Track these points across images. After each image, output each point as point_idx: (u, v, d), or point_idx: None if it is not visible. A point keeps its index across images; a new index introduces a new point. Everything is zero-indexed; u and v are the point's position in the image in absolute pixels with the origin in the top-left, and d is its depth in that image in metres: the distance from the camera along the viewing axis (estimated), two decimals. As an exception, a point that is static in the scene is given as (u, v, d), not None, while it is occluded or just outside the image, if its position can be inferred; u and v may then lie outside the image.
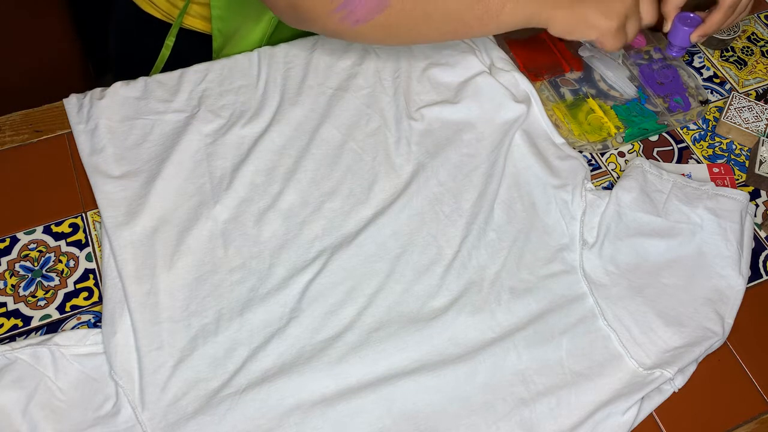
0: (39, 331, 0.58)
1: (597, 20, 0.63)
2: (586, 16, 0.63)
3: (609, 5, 0.63)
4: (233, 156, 0.67)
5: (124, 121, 0.68)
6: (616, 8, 0.63)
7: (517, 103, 0.71)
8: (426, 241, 0.63)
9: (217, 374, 0.56)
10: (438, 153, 0.69)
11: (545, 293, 0.62)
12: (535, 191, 0.67)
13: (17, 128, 0.69)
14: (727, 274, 0.63)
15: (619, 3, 0.63)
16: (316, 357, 0.57)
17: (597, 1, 0.63)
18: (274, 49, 0.75)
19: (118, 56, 0.93)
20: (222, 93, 0.71)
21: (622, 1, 0.64)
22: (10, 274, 0.61)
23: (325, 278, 0.61)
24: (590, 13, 0.63)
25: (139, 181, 0.65)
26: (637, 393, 0.57)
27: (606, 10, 0.63)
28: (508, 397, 0.57)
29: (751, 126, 0.74)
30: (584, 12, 0.63)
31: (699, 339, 0.59)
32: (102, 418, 0.54)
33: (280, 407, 0.55)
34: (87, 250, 0.63)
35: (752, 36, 0.83)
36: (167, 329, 0.57)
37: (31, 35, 1.06)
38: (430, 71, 0.74)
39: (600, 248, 0.64)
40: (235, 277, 0.60)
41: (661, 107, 0.74)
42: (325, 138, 0.69)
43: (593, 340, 0.60)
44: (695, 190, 0.67)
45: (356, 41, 0.66)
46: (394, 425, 0.55)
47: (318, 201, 0.65)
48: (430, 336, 0.59)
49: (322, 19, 0.62)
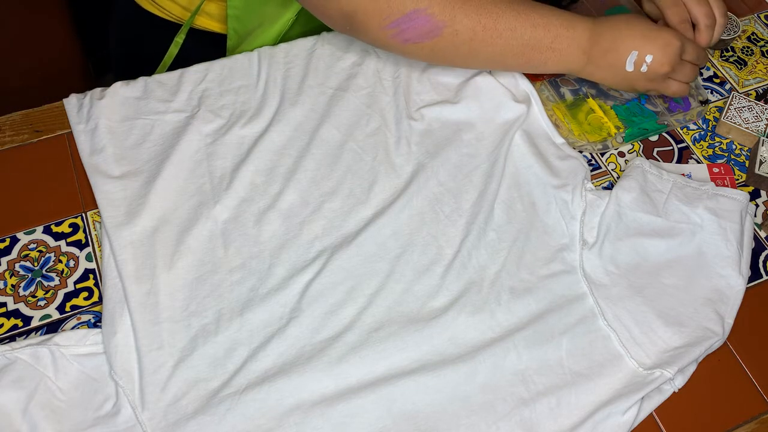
0: (39, 331, 0.58)
1: (638, 84, 0.68)
2: (615, 84, 0.69)
3: (638, 84, 0.68)
4: (233, 156, 0.67)
5: (124, 121, 0.68)
6: (647, 86, 0.68)
7: (517, 103, 0.71)
8: (426, 241, 0.63)
9: (217, 374, 0.56)
10: (438, 153, 0.69)
11: (545, 293, 0.62)
12: (535, 191, 0.67)
13: (17, 128, 0.69)
14: (727, 274, 0.63)
15: (650, 82, 0.68)
16: (316, 357, 0.57)
17: (626, 79, 0.68)
18: (274, 49, 0.75)
19: (119, 56, 0.93)
20: (222, 93, 0.71)
21: (651, 81, 0.68)
22: (10, 274, 0.61)
23: (325, 278, 0.61)
24: (620, 85, 0.69)
25: (139, 181, 0.65)
26: (637, 393, 0.57)
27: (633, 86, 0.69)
28: (508, 397, 0.57)
29: (751, 126, 0.74)
30: (615, 82, 0.69)
31: (699, 339, 0.59)
32: (102, 418, 0.54)
33: (280, 407, 0.55)
34: (87, 250, 0.63)
35: (752, 36, 0.83)
36: (167, 329, 0.57)
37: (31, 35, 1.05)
38: (430, 71, 0.74)
39: (600, 248, 0.64)
40: (235, 277, 0.60)
41: (661, 107, 0.74)
42: (325, 138, 0.69)
43: (593, 340, 0.60)
44: (695, 190, 0.67)
45: (403, 56, 0.69)
46: (394, 425, 0.55)
47: (318, 201, 0.65)
48: (430, 336, 0.59)
49: (374, 32, 0.64)
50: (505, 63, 0.67)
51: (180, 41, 0.80)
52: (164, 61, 0.81)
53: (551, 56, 0.66)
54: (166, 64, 0.81)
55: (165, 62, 0.81)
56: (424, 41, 0.64)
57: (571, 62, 0.67)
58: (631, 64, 0.66)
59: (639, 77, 0.67)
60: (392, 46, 0.66)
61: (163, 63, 0.81)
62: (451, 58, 0.67)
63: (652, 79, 0.67)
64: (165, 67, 0.81)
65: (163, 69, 0.81)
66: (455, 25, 0.63)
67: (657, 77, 0.67)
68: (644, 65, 0.66)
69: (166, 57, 0.81)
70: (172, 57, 0.81)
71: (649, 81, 0.68)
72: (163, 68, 0.81)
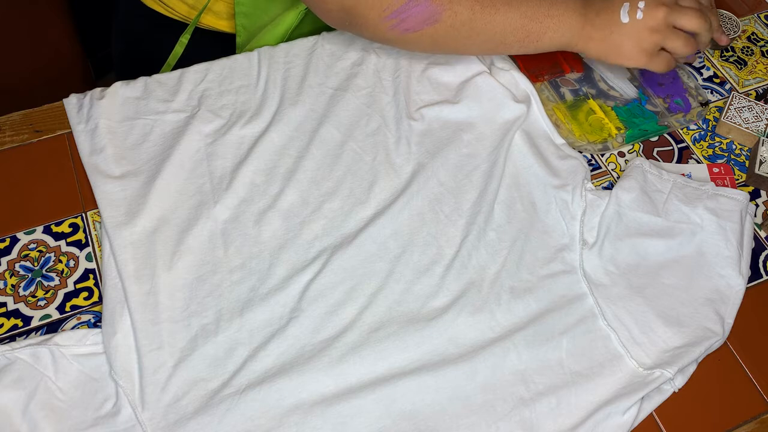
0: (39, 331, 0.58)
1: (642, 38, 0.66)
2: (620, 48, 0.67)
3: (642, 37, 0.66)
4: (233, 156, 0.67)
5: (124, 121, 0.68)
6: (653, 39, 0.66)
7: (517, 103, 0.71)
8: (426, 241, 0.63)
9: (217, 374, 0.56)
10: (438, 153, 0.69)
11: (545, 293, 0.62)
12: (535, 191, 0.67)
13: (17, 128, 0.69)
14: (727, 274, 0.63)
15: (653, 34, 0.65)
16: (316, 357, 0.57)
17: (628, 35, 0.66)
18: (274, 49, 0.75)
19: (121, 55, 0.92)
20: (222, 93, 0.71)
21: (655, 32, 0.65)
22: (10, 274, 0.61)
23: (325, 278, 0.61)
24: (624, 45, 0.66)
25: (139, 181, 0.65)
26: (637, 393, 0.57)
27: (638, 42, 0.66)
28: (508, 397, 0.57)
29: (751, 126, 0.74)
30: (618, 43, 0.66)
31: (699, 339, 0.59)
32: (102, 418, 0.54)
33: (280, 407, 0.55)
34: (87, 250, 0.63)
35: (752, 36, 0.83)
36: (167, 329, 0.57)
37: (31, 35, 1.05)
38: (429, 71, 0.74)
39: (600, 248, 0.64)
40: (235, 277, 0.60)
41: (661, 108, 0.74)
42: (325, 138, 0.69)
43: (593, 340, 0.60)
44: (695, 190, 0.67)
45: (403, 48, 0.69)
46: (394, 425, 0.55)
47: (318, 201, 0.65)
48: (430, 336, 0.59)
49: (373, 25, 0.65)
50: (506, 41, 0.67)
51: (185, 41, 0.80)
52: (168, 61, 0.81)
53: (550, 24, 0.65)
54: (170, 65, 0.81)
55: (169, 62, 0.81)
56: (424, 28, 0.64)
57: (570, 27, 0.66)
58: (626, 14, 0.65)
59: (641, 28, 0.65)
60: (392, 38, 0.66)
61: (167, 63, 0.81)
62: (452, 43, 0.67)
63: (655, 28, 0.65)
64: (169, 67, 0.81)
65: (167, 69, 0.81)
66: (453, 7, 0.63)
67: (659, 23, 0.65)
68: (639, 11, 0.64)
69: (170, 57, 0.80)
70: (176, 57, 0.80)
71: (654, 31, 0.65)
72: (167, 68, 0.81)
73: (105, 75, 1.25)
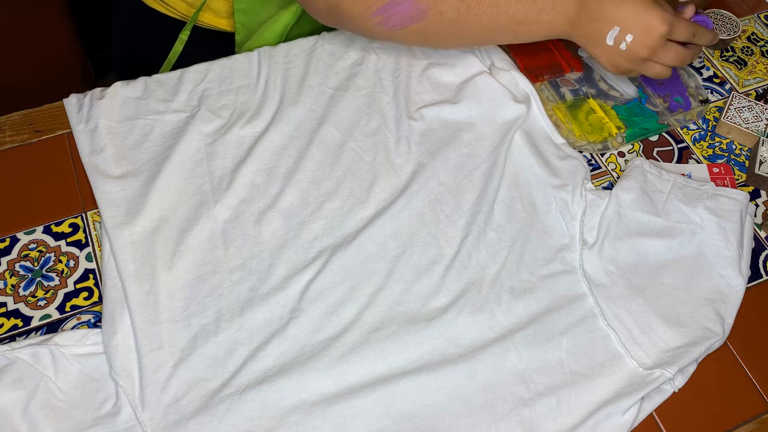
0: (39, 331, 0.58)
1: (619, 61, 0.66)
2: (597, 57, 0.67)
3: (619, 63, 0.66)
4: (233, 156, 0.67)
5: (124, 121, 0.68)
6: (628, 67, 0.66)
7: (517, 103, 0.71)
8: (426, 241, 0.63)
9: (217, 374, 0.56)
10: (438, 153, 0.69)
11: (545, 293, 0.62)
12: (535, 191, 0.67)
13: (17, 128, 0.69)
14: (727, 274, 0.63)
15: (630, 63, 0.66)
16: (316, 357, 0.57)
17: (607, 55, 0.66)
18: (274, 49, 0.75)
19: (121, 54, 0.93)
20: (222, 93, 0.71)
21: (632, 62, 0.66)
22: (10, 274, 0.61)
23: (325, 278, 0.61)
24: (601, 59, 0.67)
25: (139, 181, 0.65)
26: (637, 393, 0.57)
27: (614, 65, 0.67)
28: (508, 397, 0.57)
29: (751, 126, 0.74)
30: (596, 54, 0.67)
31: (699, 339, 0.59)
32: (102, 418, 0.54)
33: (280, 407, 0.55)
34: (87, 250, 0.63)
35: (752, 36, 0.83)
36: (167, 329, 0.57)
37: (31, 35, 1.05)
38: (430, 71, 0.74)
39: (600, 248, 0.64)
40: (235, 277, 0.60)
41: (661, 107, 0.74)
42: (325, 138, 0.69)
43: (593, 340, 0.60)
44: (695, 190, 0.67)
45: (392, 42, 0.70)
46: (394, 425, 0.55)
47: (318, 201, 0.65)
48: (430, 336, 0.59)
49: (359, 21, 0.65)
50: (494, 38, 0.67)
51: (185, 38, 0.80)
52: (169, 59, 0.81)
53: (538, 28, 0.65)
54: (170, 62, 0.81)
55: (170, 60, 0.81)
56: (410, 25, 0.64)
57: (558, 33, 0.66)
58: (612, 38, 0.64)
59: (620, 54, 0.65)
60: (379, 33, 0.66)
61: (167, 61, 0.81)
62: (440, 39, 0.67)
63: (632, 60, 0.65)
64: (170, 65, 0.81)
65: (167, 67, 0.81)
66: (439, 6, 0.63)
67: (636, 59, 0.65)
68: (624, 43, 0.64)
69: (170, 55, 0.81)
70: (176, 54, 0.81)
71: (629, 61, 0.66)
72: (167, 66, 0.81)
73: (105, 75, 1.25)
